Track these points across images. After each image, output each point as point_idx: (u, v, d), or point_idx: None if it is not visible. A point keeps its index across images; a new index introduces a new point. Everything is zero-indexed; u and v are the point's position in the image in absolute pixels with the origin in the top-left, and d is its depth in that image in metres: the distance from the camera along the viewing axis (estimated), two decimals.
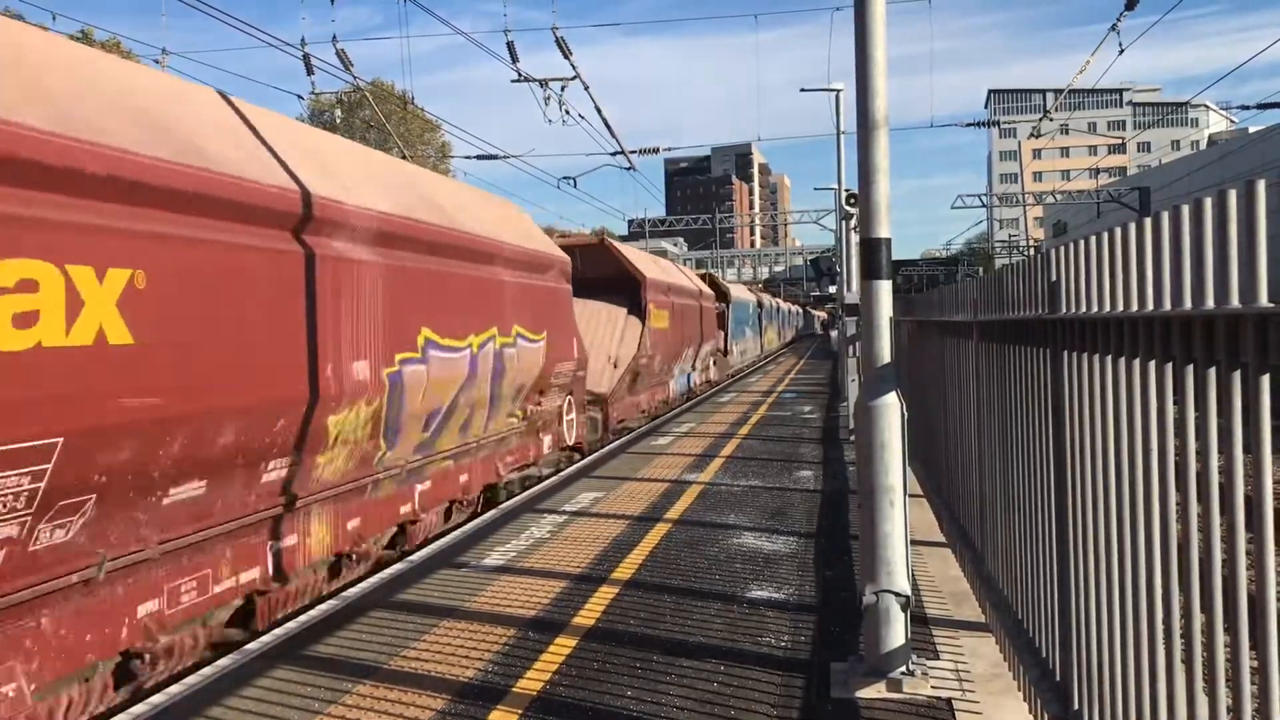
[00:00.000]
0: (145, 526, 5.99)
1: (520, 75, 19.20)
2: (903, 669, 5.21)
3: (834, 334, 40.49)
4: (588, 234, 26.83)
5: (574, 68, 18.88)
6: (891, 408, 5.31)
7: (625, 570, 7.87)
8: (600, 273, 20.05)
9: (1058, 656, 4.19)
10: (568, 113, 19.98)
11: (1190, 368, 2.74)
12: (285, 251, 7.23)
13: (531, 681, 5.48)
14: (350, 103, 49.87)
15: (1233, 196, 2.45)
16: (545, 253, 13.95)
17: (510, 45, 18.92)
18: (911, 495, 5.76)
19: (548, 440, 14.37)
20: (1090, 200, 62.85)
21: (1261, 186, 2.34)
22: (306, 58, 18.32)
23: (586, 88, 19.35)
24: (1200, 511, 2.69)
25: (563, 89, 19.68)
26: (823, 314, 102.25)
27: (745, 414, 21.04)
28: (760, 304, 48.50)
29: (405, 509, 9.66)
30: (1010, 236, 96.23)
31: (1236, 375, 2.45)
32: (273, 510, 7.37)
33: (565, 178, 29.55)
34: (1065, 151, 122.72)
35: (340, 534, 8.44)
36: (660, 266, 24.29)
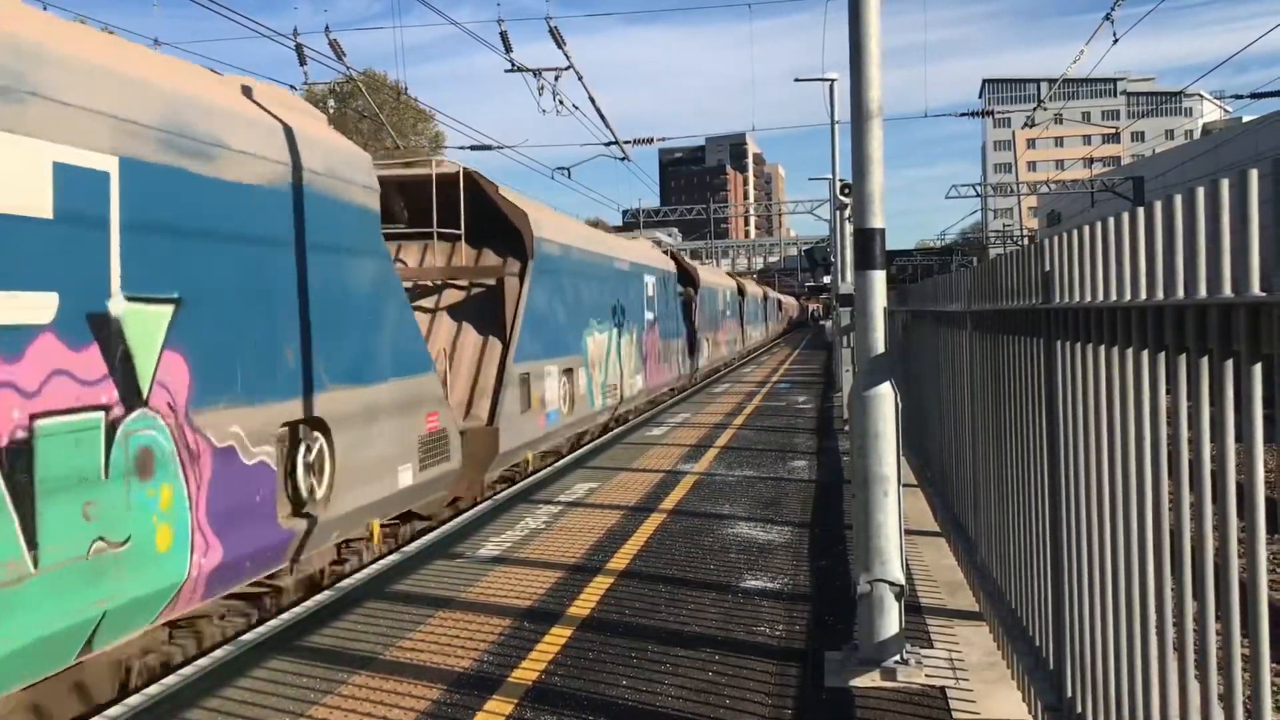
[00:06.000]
0: None
1: (514, 65, 19.16)
2: (897, 658, 5.23)
3: (828, 325, 40.40)
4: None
5: (568, 58, 18.82)
6: (885, 398, 5.32)
7: (620, 560, 7.89)
8: None
9: (1051, 645, 4.20)
10: (561, 103, 19.94)
11: (1183, 357, 2.75)
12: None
13: (527, 671, 5.50)
14: (343, 93, 49.67)
15: (1226, 186, 2.46)
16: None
17: (504, 35, 18.87)
18: (905, 485, 5.77)
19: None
20: (1084, 190, 62.79)
21: (1255, 176, 2.34)
22: (299, 48, 18.25)
23: (580, 78, 19.30)
24: (1192, 500, 2.70)
25: (556, 79, 19.63)
26: (816, 305, 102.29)
27: (740, 404, 21.07)
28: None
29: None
30: (1004, 226, 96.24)
31: (1229, 364, 2.46)
32: None
33: (559, 168, 29.28)
34: (1059, 141, 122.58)
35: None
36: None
